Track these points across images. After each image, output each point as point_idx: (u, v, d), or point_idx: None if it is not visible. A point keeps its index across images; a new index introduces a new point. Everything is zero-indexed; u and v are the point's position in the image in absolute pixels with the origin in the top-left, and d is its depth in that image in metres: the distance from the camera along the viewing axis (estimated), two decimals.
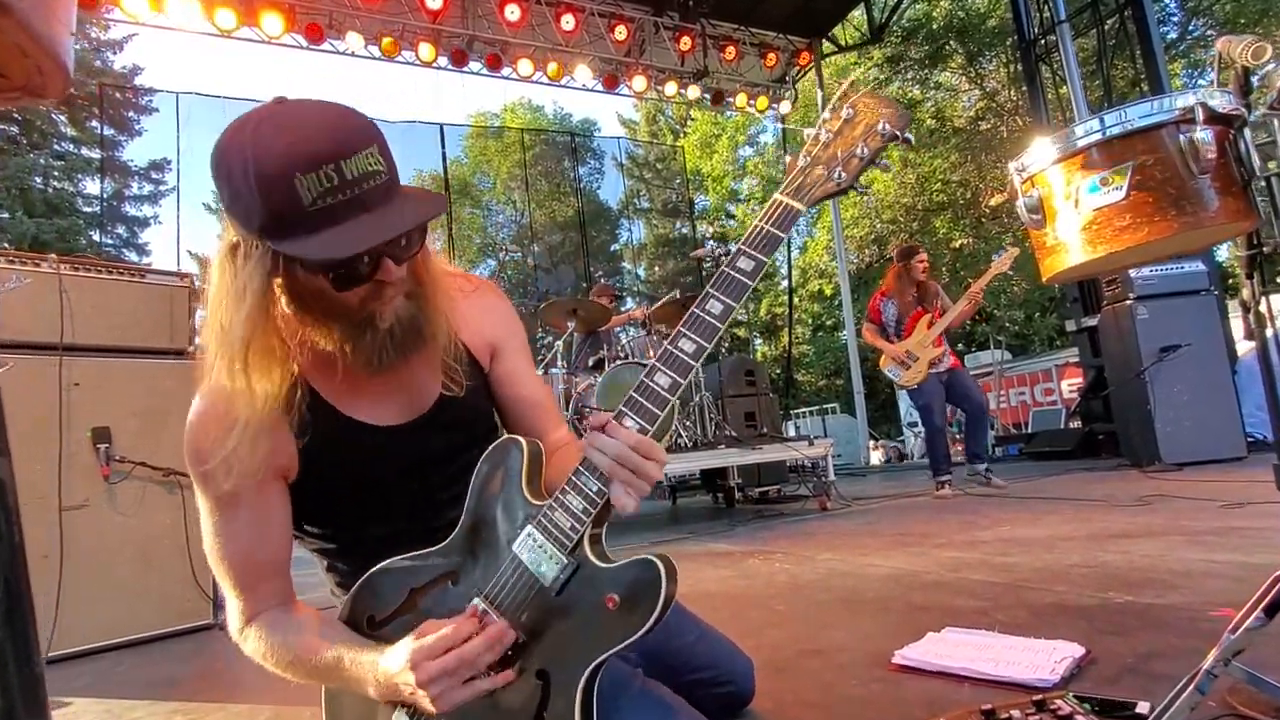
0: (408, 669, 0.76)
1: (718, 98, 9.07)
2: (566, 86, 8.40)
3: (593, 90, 8.55)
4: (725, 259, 0.86)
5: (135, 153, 17.55)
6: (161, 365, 2.77)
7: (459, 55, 7.54)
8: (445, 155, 11.15)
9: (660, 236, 22.50)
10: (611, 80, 8.39)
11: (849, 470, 8.77)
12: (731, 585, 2.50)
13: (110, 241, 16.86)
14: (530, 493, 0.86)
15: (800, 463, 5.18)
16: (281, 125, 0.76)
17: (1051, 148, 1.17)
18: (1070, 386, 9.88)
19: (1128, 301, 4.90)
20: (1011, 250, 4.72)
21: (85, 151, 16.97)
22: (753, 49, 8.92)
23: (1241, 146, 0.99)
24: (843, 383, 19.19)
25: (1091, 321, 6.04)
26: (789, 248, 13.98)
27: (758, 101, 9.44)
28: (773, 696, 1.33)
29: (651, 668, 0.99)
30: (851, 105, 0.88)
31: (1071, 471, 5.25)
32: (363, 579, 0.90)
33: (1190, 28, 15.51)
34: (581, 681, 0.77)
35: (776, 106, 9.69)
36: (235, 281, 0.81)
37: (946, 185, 18.04)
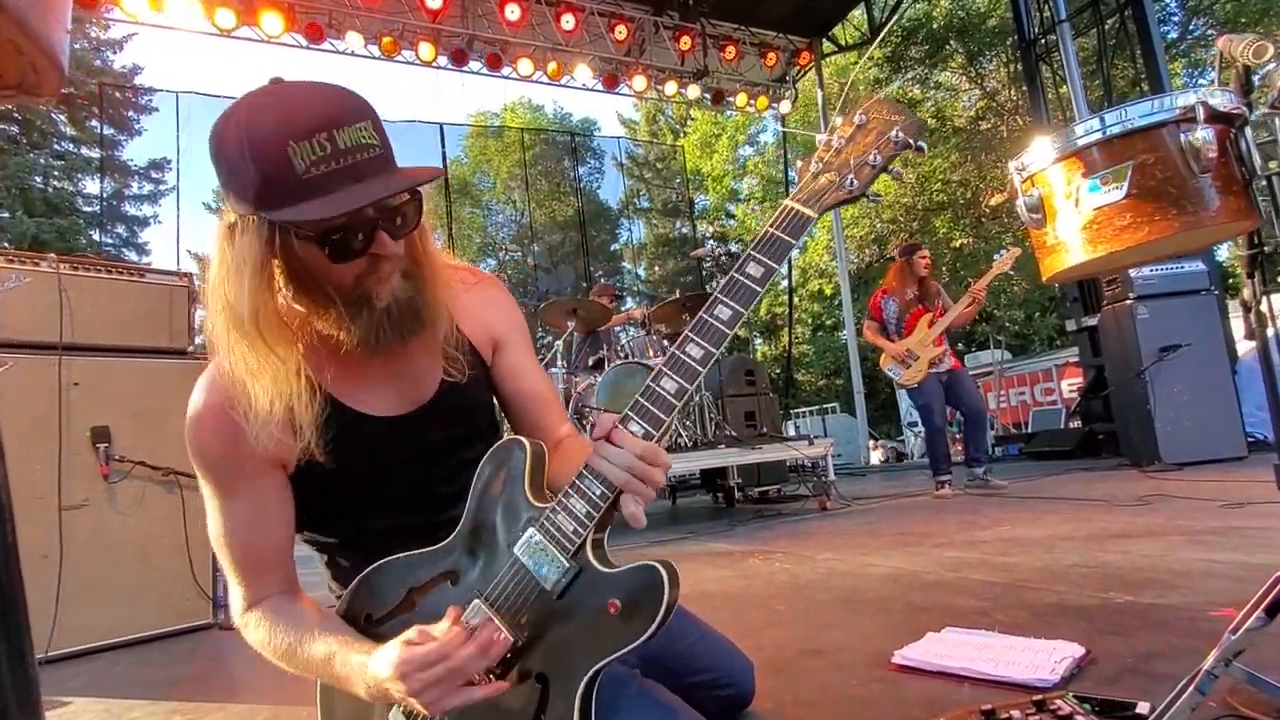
0: (396, 679, 0.75)
1: (718, 97, 9.07)
2: (566, 86, 8.41)
3: (593, 90, 8.55)
4: (729, 261, 0.85)
5: (135, 152, 17.61)
6: (161, 365, 2.77)
7: (459, 55, 7.54)
8: (445, 155, 11.16)
9: (660, 236, 22.50)
10: (611, 80, 8.39)
11: (849, 470, 8.77)
12: (731, 585, 2.50)
13: (110, 241, 16.87)
14: (533, 494, 0.85)
15: (800, 462, 5.17)
16: (277, 98, 0.78)
17: (1052, 147, 1.16)
18: (1070, 386, 9.87)
19: (1128, 301, 4.90)
20: (1013, 250, 4.70)
21: (85, 151, 16.98)
22: (753, 48, 8.92)
23: (1242, 145, 0.99)
24: (843, 382, 19.20)
25: (1091, 321, 6.03)
26: None
27: (758, 101, 9.44)
28: (772, 697, 1.33)
29: (651, 670, 0.98)
30: (864, 111, 0.86)
31: (1071, 471, 5.24)
32: (360, 576, 0.90)
33: (1191, 27, 15.51)
34: (581, 686, 0.76)
35: (776, 106, 9.69)
36: (235, 257, 0.80)
37: (946, 185, 18.04)
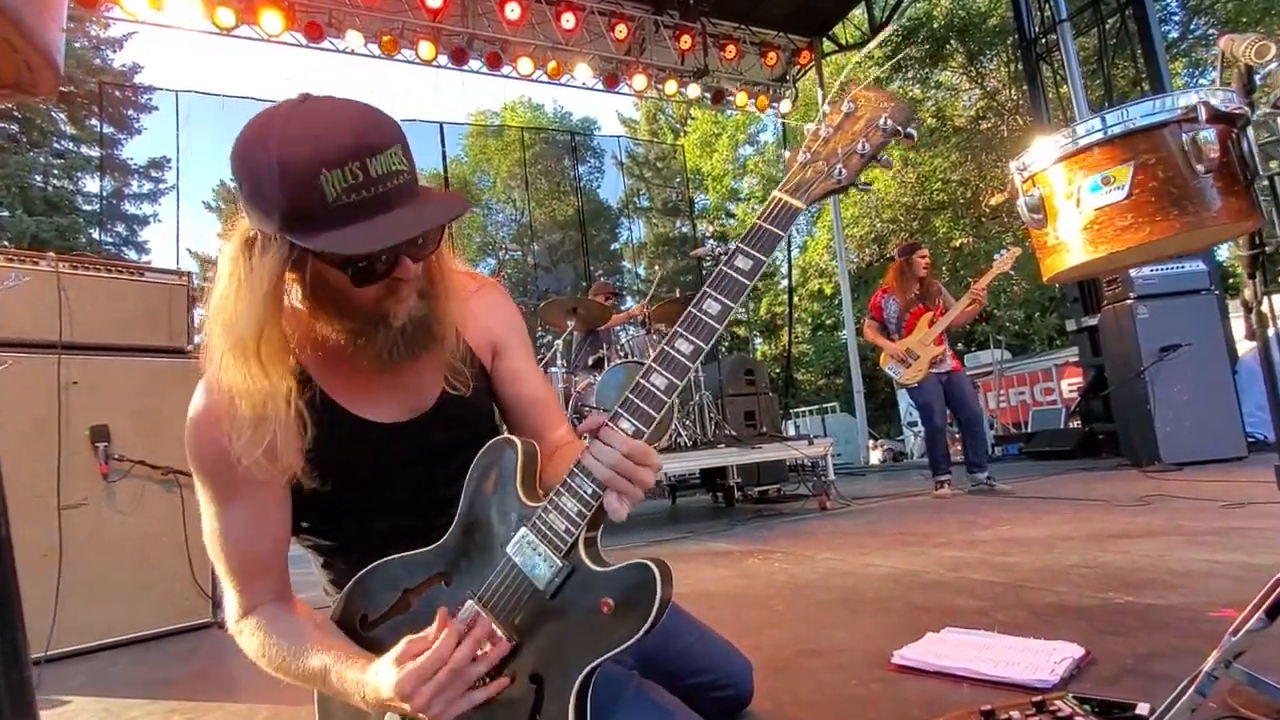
0: (399, 699, 0.74)
1: (718, 96, 9.06)
2: (566, 85, 8.40)
3: (593, 89, 8.55)
4: (724, 257, 0.84)
5: (135, 151, 17.59)
6: (160, 364, 2.77)
7: (459, 54, 7.54)
8: (445, 154, 11.14)
9: (660, 235, 22.49)
10: (612, 79, 8.38)
11: (848, 470, 8.78)
12: (731, 585, 2.50)
13: (110, 240, 16.86)
14: (525, 494, 0.85)
15: (800, 462, 5.17)
16: (308, 121, 0.76)
17: (1053, 147, 1.16)
18: (1070, 386, 9.86)
19: (1128, 301, 4.90)
20: (1013, 250, 4.70)
21: (85, 150, 16.97)
22: (753, 48, 8.91)
23: (1244, 145, 0.99)
24: (842, 382, 19.19)
25: (1092, 321, 6.04)
26: (789, 247, 13.99)
27: (758, 100, 9.43)
28: (772, 697, 1.33)
29: (650, 671, 0.98)
30: (852, 99, 0.84)
31: (1071, 471, 5.24)
32: (356, 578, 0.90)
33: (1191, 27, 15.51)
34: (575, 686, 0.75)
35: (777, 105, 9.68)
36: (250, 275, 0.80)
37: (947, 185, 18.04)
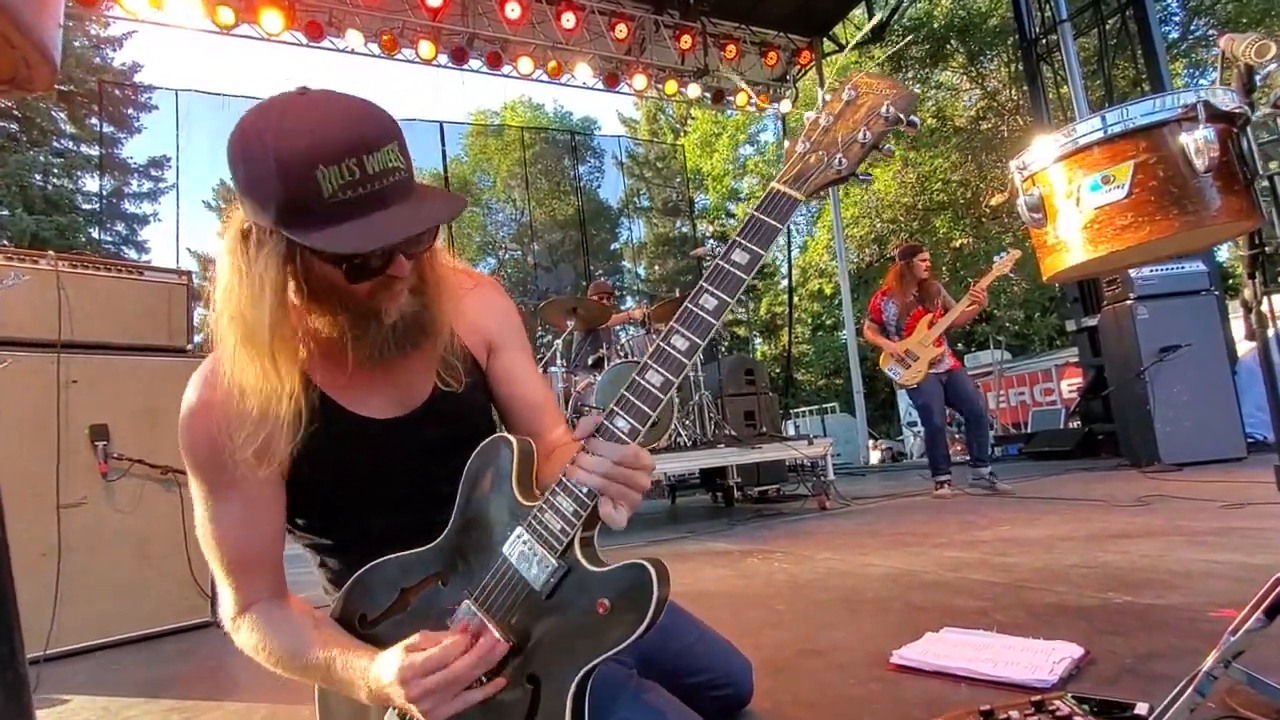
0: (397, 684, 0.75)
1: (718, 96, 9.06)
2: (567, 85, 8.41)
3: (593, 89, 8.55)
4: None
5: (135, 150, 17.56)
6: (160, 363, 2.76)
7: (459, 53, 7.54)
8: (445, 153, 11.16)
9: (660, 235, 22.48)
10: (612, 78, 8.38)
11: (848, 470, 8.78)
12: (730, 585, 2.50)
13: (109, 239, 16.85)
14: (521, 493, 0.84)
15: (799, 462, 5.17)
16: (305, 115, 0.76)
17: (1053, 146, 1.16)
18: (1070, 386, 9.86)
19: (1128, 301, 4.90)
20: (1014, 253, 4.69)
21: (84, 149, 16.95)
22: (753, 47, 8.91)
23: (1244, 145, 0.98)
24: (842, 382, 19.18)
25: (1091, 321, 6.04)
26: (789, 246, 13.97)
27: (758, 100, 9.43)
28: (771, 696, 1.32)
29: (649, 670, 0.98)
30: (853, 86, 0.82)
31: (1071, 471, 5.24)
32: (355, 577, 0.90)
33: (1192, 27, 15.50)
34: (572, 687, 0.75)
35: (777, 105, 9.68)
36: (250, 270, 0.80)
37: (947, 185, 18.03)
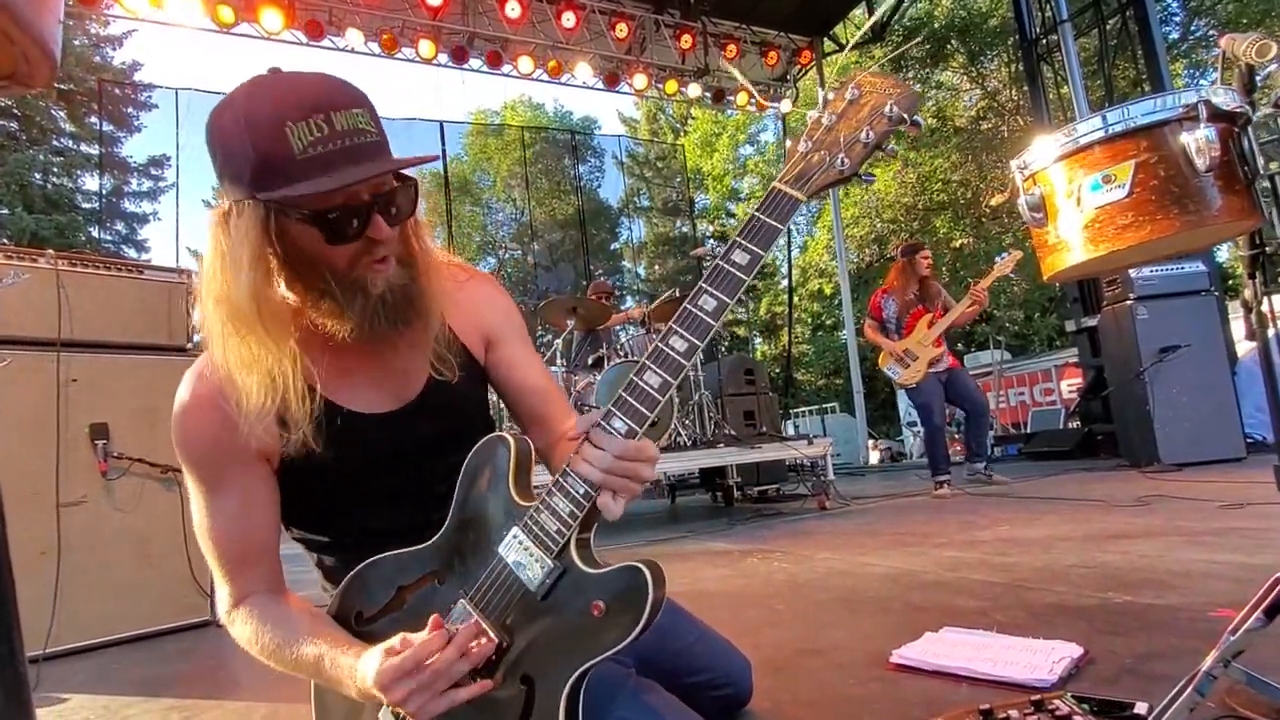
0: (379, 688, 0.74)
1: (718, 96, 9.06)
2: (567, 84, 8.41)
3: (593, 88, 8.54)
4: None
5: (134, 149, 17.56)
6: (160, 361, 2.76)
7: (459, 52, 7.53)
8: (445, 152, 11.18)
9: (660, 235, 22.48)
10: (612, 78, 8.38)
11: (848, 469, 8.77)
12: (730, 584, 2.50)
13: (109, 238, 16.83)
14: (518, 493, 0.84)
15: (799, 462, 5.17)
16: (274, 83, 0.80)
17: (1054, 145, 1.16)
18: (1070, 387, 9.86)
19: (1128, 301, 4.89)
20: (1014, 254, 4.70)
21: (84, 148, 16.93)
22: (754, 47, 8.91)
23: (1245, 145, 0.98)
24: (842, 382, 19.18)
25: (1091, 322, 6.03)
26: (789, 246, 13.97)
27: (758, 99, 9.43)
28: (771, 696, 1.32)
29: (648, 670, 0.97)
30: (856, 85, 0.81)
31: (1070, 472, 5.24)
32: (352, 574, 0.90)
33: (1192, 28, 15.50)
34: (566, 689, 0.74)
35: (777, 105, 9.68)
36: (231, 247, 0.79)
37: (947, 185, 18.03)
